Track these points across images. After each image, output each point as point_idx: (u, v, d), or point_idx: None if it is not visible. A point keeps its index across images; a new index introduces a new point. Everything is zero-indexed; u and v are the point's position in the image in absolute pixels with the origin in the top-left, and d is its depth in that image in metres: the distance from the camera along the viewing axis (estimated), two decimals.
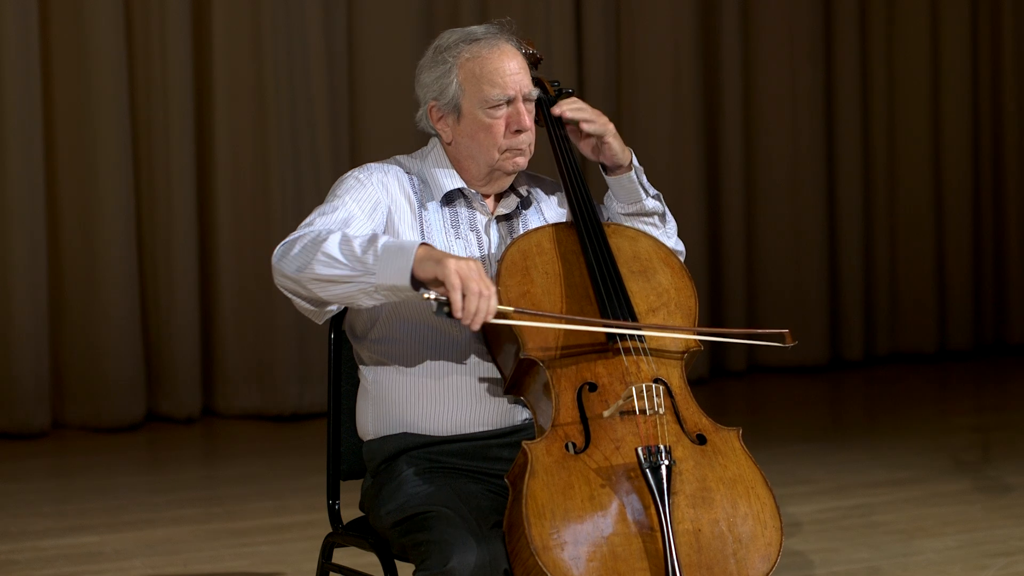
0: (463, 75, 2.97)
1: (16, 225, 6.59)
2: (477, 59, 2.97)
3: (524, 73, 2.99)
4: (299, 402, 7.07)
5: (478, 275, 2.65)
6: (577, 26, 7.75)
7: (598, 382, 2.81)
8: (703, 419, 2.84)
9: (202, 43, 6.98)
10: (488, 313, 2.66)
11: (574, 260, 2.94)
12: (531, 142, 3.00)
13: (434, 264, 2.66)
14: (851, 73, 8.46)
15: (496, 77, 2.95)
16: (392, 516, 2.89)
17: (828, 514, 5.15)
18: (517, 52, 3.00)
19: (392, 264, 2.69)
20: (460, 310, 2.64)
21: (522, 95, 2.97)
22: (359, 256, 2.72)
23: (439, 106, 3.02)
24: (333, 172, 7.12)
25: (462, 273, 2.64)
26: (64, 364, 6.81)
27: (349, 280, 2.73)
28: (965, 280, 8.78)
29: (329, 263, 2.74)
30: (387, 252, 2.70)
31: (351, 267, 2.72)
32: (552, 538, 2.61)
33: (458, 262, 2.64)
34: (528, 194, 3.10)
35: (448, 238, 2.99)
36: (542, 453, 2.70)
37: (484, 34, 3.00)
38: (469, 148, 3.00)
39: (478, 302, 2.64)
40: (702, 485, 2.72)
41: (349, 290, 2.74)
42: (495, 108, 2.95)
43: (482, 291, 2.64)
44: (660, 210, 3.15)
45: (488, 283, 2.66)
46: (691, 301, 2.97)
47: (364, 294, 2.74)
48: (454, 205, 3.03)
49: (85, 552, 4.76)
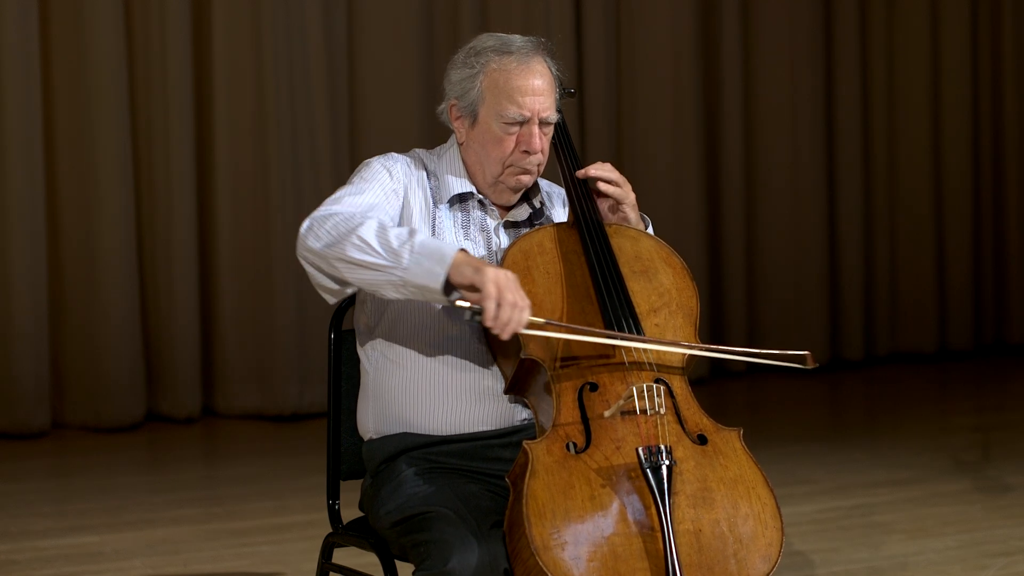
0: (487, 84, 2.96)
1: (16, 225, 6.59)
2: (503, 72, 2.95)
3: (547, 95, 2.97)
4: (299, 402, 7.07)
5: (515, 286, 2.68)
6: (577, 26, 7.74)
7: (599, 382, 2.81)
8: (704, 419, 2.84)
9: (202, 43, 6.97)
10: (520, 324, 2.68)
11: (575, 260, 2.94)
12: (540, 163, 3.00)
13: (472, 271, 2.68)
14: (851, 74, 8.46)
15: (516, 95, 2.94)
16: (392, 516, 2.89)
17: (828, 514, 5.15)
18: (547, 72, 2.98)
19: (426, 264, 2.70)
20: (493, 319, 2.66)
21: (539, 118, 2.95)
22: (394, 248, 2.72)
23: (459, 107, 3.01)
24: (333, 172, 7.13)
25: (500, 283, 2.66)
26: (64, 364, 6.81)
27: (379, 268, 2.74)
28: (965, 280, 8.78)
29: (362, 248, 2.74)
30: (424, 251, 2.71)
31: (384, 257, 2.73)
32: (553, 538, 2.61)
33: (496, 272, 2.67)
34: (541, 206, 3.11)
35: (458, 238, 3.00)
36: (543, 453, 2.70)
37: (518, 48, 2.97)
38: (478, 154, 3.00)
39: (511, 313, 2.66)
40: (703, 485, 2.72)
41: (377, 278, 2.75)
42: (509, 124, 2.95)
43: (517, 302, 2.67)
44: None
45: (523, 295, 2.69)
46: (692, 301, 2.98)
47: (391, 286, 2.75)
48: (466, 206, 3.03)
49: (85, 552, 4.76)
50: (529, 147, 2.95)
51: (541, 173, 3.05)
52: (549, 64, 3.00)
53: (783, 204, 8.33)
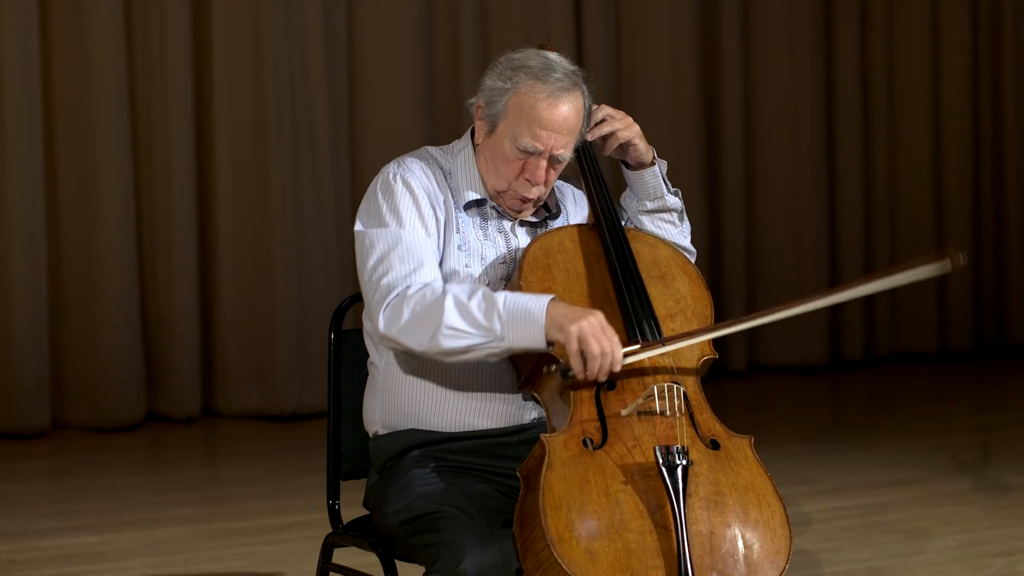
0: (513, 103, 2.93)
1: (16, 225, 6.59)
2: (531, 98, 2.91)
3: (567, 134, 2.92)
4: (299, 402, 7.07)
5: (600, 332, 2.71)
6: (577, 26, 7.74)
7: (616, 380, 2.81)
8: (717, 425, 2.86)
9: (202, 43, 6.97)
10: (614, 365, 2.73)
11: (595, 261, 2.95)
12: (542, 195, 2.98)
13: (557, 331, 2.72)
14: (851, 73, 8.45)
15: (536, 127, 2.91)
16: (399, 516, 2.88)
17: (828, 514, 5.16)
18: (575, 111, 2.93)
19: (522, 329, 2.75)
20: (582, 372, 2.71)
21: (551, 154, 2.92)
22: (483, 324, 2.76)
23: (484, 112, 2.99)
24: (333, 172, 7.13)
25: (582, 337, 2.70)
26: (64, 364, 6.80)
27: (478, 348, 2.79)
28: (965, 280, 8.78)
29: (455, 335, 2.78)
30: (513, 316, 2.75)
31: (479, 335, 2.77)
32: (568, 531, 2.62)
33: (580, 326, 2.70)
34: (557, 207, 3.10)
35: (478, 237, 2.99)
36: (560, 447, 2.71)
37: (555, 80, 2.91)
38: (488, 164, 2.99)
39: (600, 361, 2.71)
40: (715, 489, 2.74)
41: (478, 355, 2.80)
42: (521, 150, 2.93)
43: (604, 350, 2.71)
44: (679, 207, 3.16)
45: (610, 337, 2.72)
46: (707, 310, 3.00)
47: (494, 356, 2.81)
48: (483, 207, 3.02)
49: (85, 552, 4.76)
50: (532, 177, 2.93)
51: (542, 203, 3.03)
52: (583, 100, 2.96)
53: (783, 204, 8.33)
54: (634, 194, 3.14)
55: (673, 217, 3.15)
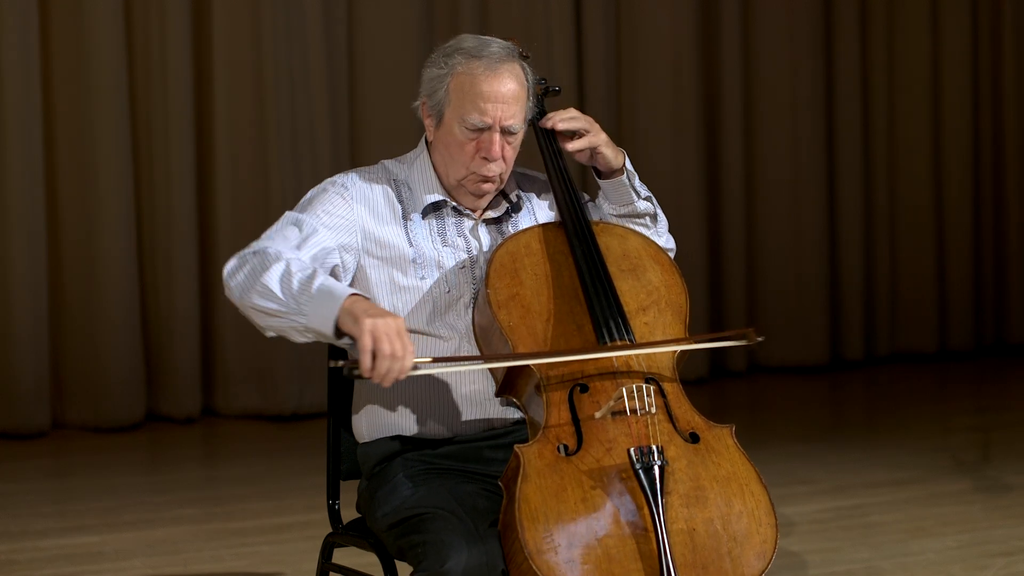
0: (453, 86, 2.92)
1: (16, 225, 6.59)
2: (469, 76, 2.90)
3: (513, 104, 2.91)
4: (299, 402, 7.07)
5: (395, 335, 2.61)
6: (577, 26, 7.74)
7: (589, 383, 2.79)
8: (696, 417, 2.83)
9: (202, 43, 6.98)
10: (402, 372, 2.63)
11: (563, 260, 2.93)
12: (502, 171, 2.96)
13: (352, 322, 2.64)
14: (851, 72, 8.46)
15: (480, 101, 2.89)
16: (388, 518, 2.88)
17: (828, 514, 5.15)
18: (516, 80, 2.92)
19: (321, 309, 2.68)
20: (369, 371, 2.62)
21: (501, 126, 2.90)
22: (295, 293, 2.71)
23: (428, 105, 2.99)
24: (333, 172, 7.07)
25: (376, 334, 2.60)
26: (64, 364, 6.81)
27: (282, 315, 2.73)
28: (965, 280, 8.78)
29: (266, 295, 2.73)
30: (320, 295, 2.69)
31: (286, 303, 2.72)
32: (546, 542, 2.60)
33: (374, 322, 2.61)
34: (518, 199, 3.08)
35: (436, 246, 2.97)
36: (534, 456, 2.69)
37: (490, 53, 2.91)
38: (443, 156, 2.98)
39: (390, 364, 2.61)
40: (696, 484, 2.71)
41: (282, 324, 2.74)
42: (471, 129, 2.91)
43: (395, 353, 2.61)
44: (651, 211, 3.15)
45: (404, 343, 2.62)
46: (681, 298, 2.97)
47: (296, 331, 2.74)
48: (440, 213, 3.00)
49: (85, 552, 4.76)
50: (488, 154, 2.91)
51: (504, 182, 3.01)
52: (523, 72, 2.95)
53: (783, 204, 8.33)
54: (605, 198, 3.14)
55: (645, 220, 3.14)
